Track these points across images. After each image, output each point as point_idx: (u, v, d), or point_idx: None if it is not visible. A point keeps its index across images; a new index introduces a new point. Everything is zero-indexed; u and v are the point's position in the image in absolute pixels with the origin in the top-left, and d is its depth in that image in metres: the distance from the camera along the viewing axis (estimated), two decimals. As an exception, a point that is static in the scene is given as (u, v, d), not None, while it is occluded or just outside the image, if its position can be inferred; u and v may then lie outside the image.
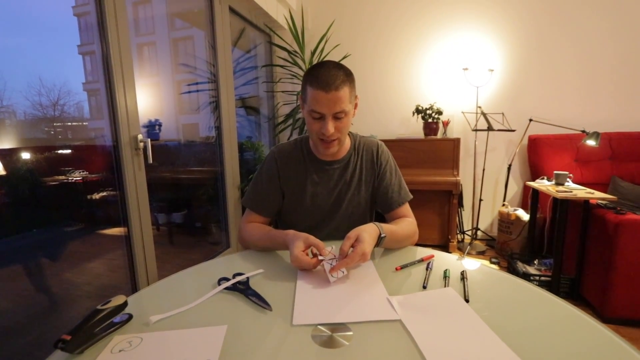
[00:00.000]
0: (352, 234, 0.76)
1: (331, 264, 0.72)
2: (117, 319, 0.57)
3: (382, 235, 0.81)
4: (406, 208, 1.03)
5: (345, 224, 1.02)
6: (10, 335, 1.17)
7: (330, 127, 0.86)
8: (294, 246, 0.76)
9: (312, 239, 0.78)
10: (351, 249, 0.75)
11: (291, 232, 0.82)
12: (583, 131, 2.25)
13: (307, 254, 0.77)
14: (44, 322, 1.28)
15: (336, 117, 0.86)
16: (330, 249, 0.75)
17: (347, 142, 1.05)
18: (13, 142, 1.24)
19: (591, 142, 2.18)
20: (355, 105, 0.94)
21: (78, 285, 1.43)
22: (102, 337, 0.54)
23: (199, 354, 0.49)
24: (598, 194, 1.76)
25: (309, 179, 1.01)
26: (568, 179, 2.01)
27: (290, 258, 0.76)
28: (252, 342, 0.53)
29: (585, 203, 1.80)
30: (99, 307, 0.55)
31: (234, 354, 0.50)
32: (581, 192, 1.81)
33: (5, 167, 1.18)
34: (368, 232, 0.77)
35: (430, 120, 2.70)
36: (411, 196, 1.04)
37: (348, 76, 0.86)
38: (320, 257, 0.74)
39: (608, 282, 1.62)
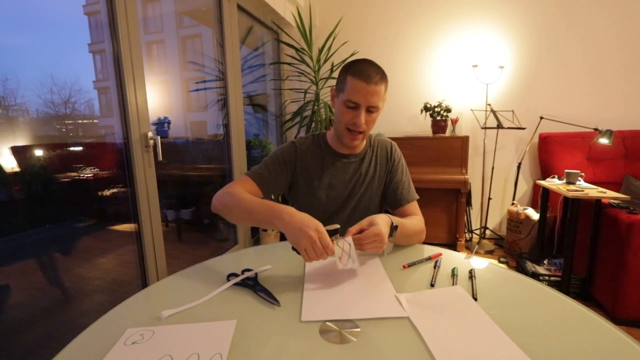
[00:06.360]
0: (365, 220, 0.77)
1: (340, 255, 0.70)
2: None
3: (395, 224, 0.81)
4: (414, 206, 1.04)
5: (356, 217, 1.03)
6: (25, 327, 1.20)
7: (363, 117, 0.91)
8: (315, 223, 0.69)
9: (323, 231, 0.70)
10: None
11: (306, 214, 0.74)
12: (596, 129, 2.20)
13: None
14: (57, 315, 1.30)
15: (369, 110, 0.91)
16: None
17: None
18: (26, 140, 1.26)
19: (604, 141, 2.14)
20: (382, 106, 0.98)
21: (89, 279, 1.46)
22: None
23: (209, 347, 0.50)
24: (610, 193, 1.73)
25: (326, 170, 1.04)
26: (579, 178, 1.97)
27: (309, 231, 0.67)
28: (261, 336, 0.54)
29: (597, 202, 1.76)
30: None
31: (243, 348, 0.51)
32: (593, 191, 1.77)
33: (19, 163, 1.20)
34: (381, 217, 0.78)
35: (438, 118, 2.67)
36: (418, 197, 1.07)
37: (384, 76, 0.92)
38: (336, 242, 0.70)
39: (620, 282, 1.59)
